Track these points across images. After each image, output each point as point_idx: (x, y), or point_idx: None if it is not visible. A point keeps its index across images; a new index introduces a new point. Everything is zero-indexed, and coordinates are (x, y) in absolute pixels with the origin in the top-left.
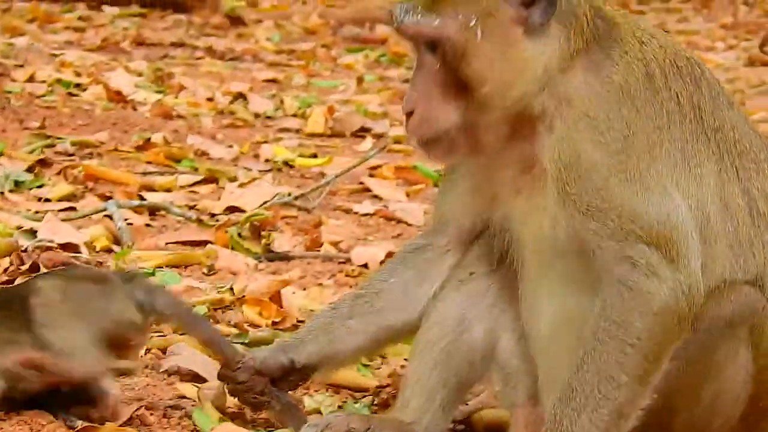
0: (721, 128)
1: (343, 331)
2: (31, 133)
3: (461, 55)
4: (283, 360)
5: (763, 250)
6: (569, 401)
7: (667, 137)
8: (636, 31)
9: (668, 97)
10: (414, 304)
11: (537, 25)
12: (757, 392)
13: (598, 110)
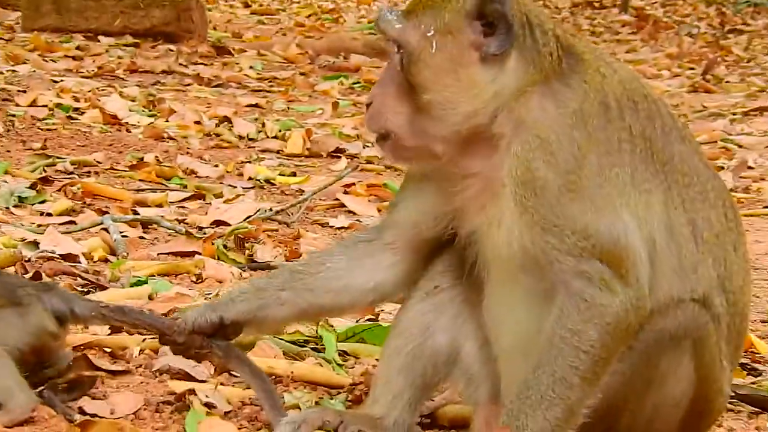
0: (670, 161)
1: (274, 300)
2: (33, 153)
3: (414, 61)
4: (213, 318)
5: (707, 274)
6: (526, 399)
7: (617, 163)
8: (600, 67)
9: (621, 127)
10: (344, 290)
11: (490, 54)
12: (697, 398)
13: (550, 132)
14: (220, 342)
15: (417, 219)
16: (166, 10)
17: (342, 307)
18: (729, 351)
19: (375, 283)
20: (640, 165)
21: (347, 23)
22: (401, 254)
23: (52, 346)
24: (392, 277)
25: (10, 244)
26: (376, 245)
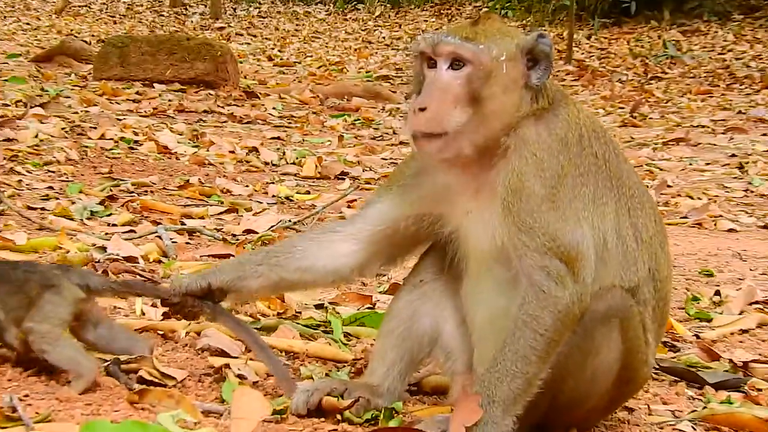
0: (620, 177)
1: (252, 272)
2: (102, 176)
3: (486, 77)
4: (202, 283)
5: (642, 268)
6: (494, 372)
7: (586, 182)
8: (576, 104)
9: (590, 153)
10: (308, 270)
11: (533, 83)
12: (625, 366)
13: (543, 153)
14: (208, 302)
15: (393, 218)
16: (206, 63)
17: (306, 284)
18: (654, 329)
19: (334, 267)
20: (601, 182)
21: (349, 73)
22: (361, 245)
23: (85, 309)
24: (350, 264)
25: (84, 248)
26: (341, 235)
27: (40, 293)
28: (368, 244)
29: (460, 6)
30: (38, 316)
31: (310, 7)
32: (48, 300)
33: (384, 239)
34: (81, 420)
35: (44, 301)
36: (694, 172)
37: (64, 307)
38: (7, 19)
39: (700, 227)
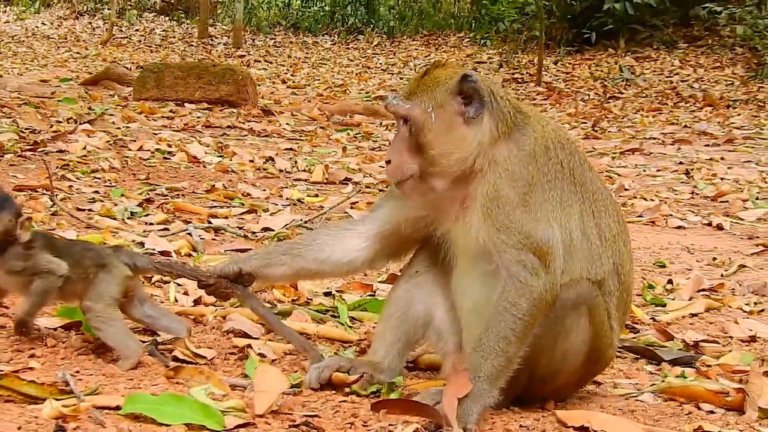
0: (584, 183)
1: (276, 260)
2: (140, 182)
3: (420, 129)
4: (234, 268)
5: (606, 263)
6: (480, 351)
7: (553, 187)
8: (540, 120)
9: (556, 162)
10: (325, 261)
11: (470, 117)
12: (593, 348)
13: (514, 166)
14: (238, 285)
15: (395, 220)
16: (230, 85)
17: (323, 273)
18: (618, 316)
19: (348, 260)
20: (566, 187)
21: (351, 93)
22: (370, 242)
23: (131, 286)
24: (360, 257)
25: (125, 244)
26: (353, 232)
27: (96, 272)
28: (375, 241)
29: (445, 36)
30: (94, 294)
31: (317, 37)
32: (101, 279)
33: (389, 237)
34: (125, 393)
35: (99, 280)
36: (647, 177)
37: (114, 285)
38: (60, 48)
39: (654, 225)
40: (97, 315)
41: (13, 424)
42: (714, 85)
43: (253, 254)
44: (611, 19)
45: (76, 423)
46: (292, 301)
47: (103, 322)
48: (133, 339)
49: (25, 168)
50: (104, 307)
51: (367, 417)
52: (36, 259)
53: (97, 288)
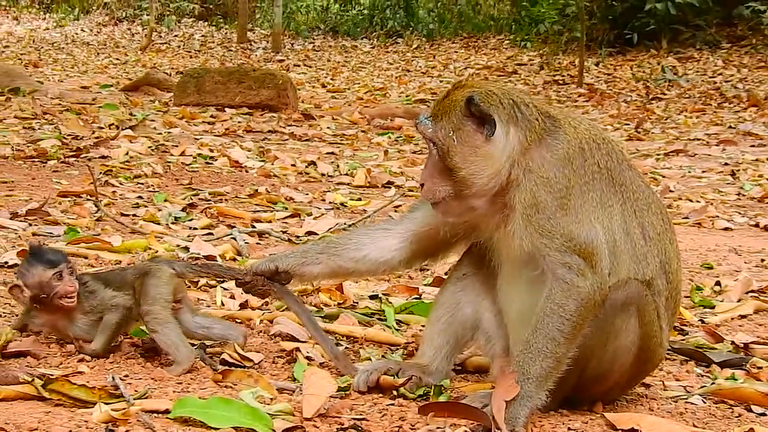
0: (624, 183)
1: (313, 259)
2: (183, 187)
3: (446, 152)
4: (271, 266)
5: (653, 262)
6: (528, 353)
7: (591, 188)
8: (571, 121)
9: (592, 163)
10: (362, 260)
11: (490, 135)
12: (642, 348)
13: (548, 172)
14: (275, 283)
15: (433, 222)
16: (270, 90)
17: (360, 272)
18: (667, 316)
19: (385, 260)
20: (605, 188)
21: (392, 97)
22: (406, 242)
23: (179, 285)
24: (398, 257)
25: (170, 249)
26: (391, 232)
27: (141, 281)
28: (412, 242)
29: (485, 39)
30: (148, 299)
31: (356, 41)
32: (149, 284)
33: (426, 239)
34: (173, 397)
35: (147, 285)
36: (692, 178)
37: (164, 286)
38: (100, 55)
39: (700, 226)
40: (155, 317)
41: (64, 428)
42: (758, 85)
43: (289, 252)
44: (653, 19)
45: (125, 427)
46: (338, 305)
47: (160, 324)
48: (186, 345)
49: (69, 174)
50: (161, 309)
51: (414, 420)
52: (102, 296)
53: (149, 292)
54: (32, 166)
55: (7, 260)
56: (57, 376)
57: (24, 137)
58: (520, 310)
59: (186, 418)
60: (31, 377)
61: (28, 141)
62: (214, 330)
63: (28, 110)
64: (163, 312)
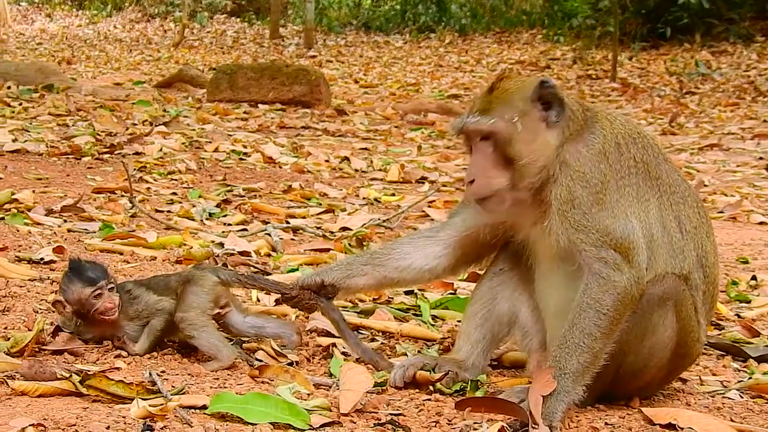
0: (660, 177)
1: (358, 271)
2: (217, 183)
3: (507, 141)
4: (317, 279)
5: (690, 255)
6: (565, 348)
7: (627, 183)
8: (608, 116)
9: (628, 157)
10: (407, 269)
11: (554, 121)
12: (679, 343)
13: (584, 167)
14: (321, 298)
15: (475, 226)
16: (303, 86)
17: (405, 281)
18: (705, 310)
19: (429, 267)
20: (642, 182)
21: (424, 92)
22: (450, 249)
23: (223, 294)
24: (442, 264)
25: (204, 245)
26: (433, 240)
27: (183, 288)
28: (455, 248)
29: (518, 33)
30: (184, 306)
31: (389, 36)
32: (189, 291)
33: (468, 244)
34: (210, 392)
35: (186, 293)
36: (726, 173)
37: (203, 295)
38: (132, 51)
39: (735, 221)
40: (189, 323)
41: (102, 424)
42: None
43: (334, 266)
44: (686, 13)
45: (163, 422)
46: (374, 300)
47: (195, 329)
48: (226, 345)
49: (103, 171)
50: (196, 315)
51: (451, 415)
52: (147, 301)
53: (187, 300)
54: (66, 162)
55: (43, 256)
56: (95, 372)
57: (58, 134)
58: (558, 305)
59: (223, 413)
60: (69, 373)
61: (63, 138)
62: (267, 329)
63: (62, 107)
64: (198, 317)
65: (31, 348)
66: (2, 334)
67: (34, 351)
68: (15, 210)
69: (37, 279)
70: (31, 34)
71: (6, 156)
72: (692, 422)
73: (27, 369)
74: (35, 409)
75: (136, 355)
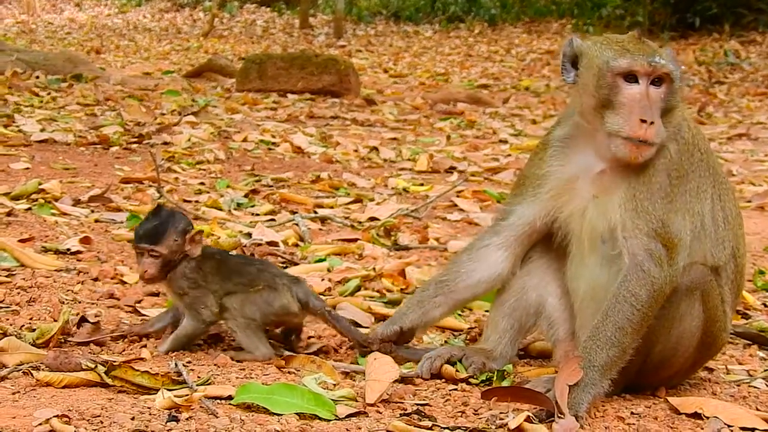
0: (715, 167)
1: (432, 306)
2: (246, 173)
3: (675, 90)
4: (395, 329)
5: (728, 246)
6: (595, 340)
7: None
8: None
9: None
10: (477, 284)
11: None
12: (706, 332)
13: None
14: (401, 347)
15: (530, 220)
16: (332, 75)
17: (478, 295)
18: (731, 300)
19: (497, 274)
20: (703, 174)
21: (453, 81)
22: (510, 250)
23: (293, 322)
24: (507, 267)
25: (232, 234)
26: (492, 246)
27: (263, 291)
28: (515, 247)
29: (547, 23)
30: (246, 305)
31: (418, 26)
32: (263, 299)
33: (526, 238)
34: (236, 383)
35: (258, 299)
36: (755, 162)
37: (266, 314)
38: (162, 41)
39: (762, 210)
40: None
41: (127, 415)
42: None
43: (406, 309)
44: (715, 3)
45: (188, 413)
46: (402, 290)
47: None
48: (266, 345)
49: (131, 160)
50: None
51: (477, 405)
52: (197, 296)
53: (254, 303)
54: (94, 152)
55: (69, 247)
56: (120, 362)
57: (86, 124)
58: (590, 289)
59: (249, 404)
60: (94, 364)
61: (91, 127)
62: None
63: (91, 97)
64: (248, 321)
65: (56, 339)
66: (28, 325)
67: (60, 342)
68: (42, 200)
69: (63, 270)
70: (60, 24)
71: (34, 146)
72: (718, 411)
73: (52, 360)
74: (60, 400)
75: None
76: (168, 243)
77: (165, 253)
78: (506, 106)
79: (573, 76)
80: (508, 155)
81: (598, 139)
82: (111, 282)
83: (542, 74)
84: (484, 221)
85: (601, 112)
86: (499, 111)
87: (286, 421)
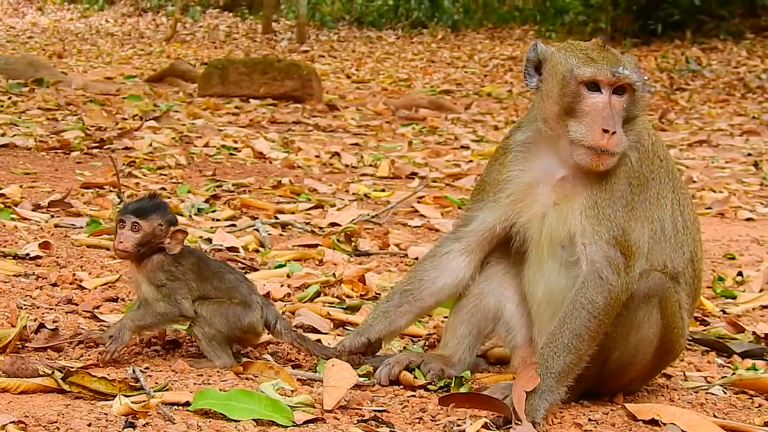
0: (674, 173)
1: (397, 315)
2: (207, 178)
3: (637, 100)
4: (363, 340)
5: (687, 252)
6: (551, 347)
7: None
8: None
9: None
10: (440, 291)
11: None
12: (664, 339)
13: (636, 162)
14: (370, 357)
15: (491, 225)
16: (294, 81)
17: (441, 301)
18: (689, 305)
19: (459, 280)
20: (663, 180)
21: (416, 87)
22: (471, 255)
23: (251, 341)
24: (469, 272)
25: (193, 240)
26: (454, 252)
27: (234, 303)
28: (476, 253)
29: (510, 29)
30: (217, 316)
31: (381, 32)
32: (234, 312)
33: (487, 244)
34: (194, 389)
35: (231, 311)
36: (715, 169)
37: (233, 329)
38: (124, 46)
39: (722, 217)
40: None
41: (84, 421)
42: None
43: (372, 320)
44: (677, 10)
45: (145, 419)
46: (361, 296)
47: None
48: (229, 355)
49: (92, 165)
50: (214, 332)
51: (435, 411)
52: (175, 288)
53: (223, 315)
54: (55, 157)
55: (29, 252)
56: (77, 368)
57: (47, 128)
58: (547, 294)
59: (206, 410)
60: (51, 370)
61: (52, 132)
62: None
63: (52, 101)
64: (218, 334)
65: (13, 344)
66: None
67: (17, 347)
68: (2, 205)
69: (21, 275)
70: (21, 28)
71: None
72: (675, 418)
73: (9, 365)
74: (16, 406)
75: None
76: (152, 223)
77: (147, 230)
78: (468, 112)
79: (536, 82)
80: (470, 161)
81: (560, 146)
82: (70, 287)
83: (505, 80)
84: (445, 227)
85: (564, 119)
86: (461, 117)
87: (244, 427)
